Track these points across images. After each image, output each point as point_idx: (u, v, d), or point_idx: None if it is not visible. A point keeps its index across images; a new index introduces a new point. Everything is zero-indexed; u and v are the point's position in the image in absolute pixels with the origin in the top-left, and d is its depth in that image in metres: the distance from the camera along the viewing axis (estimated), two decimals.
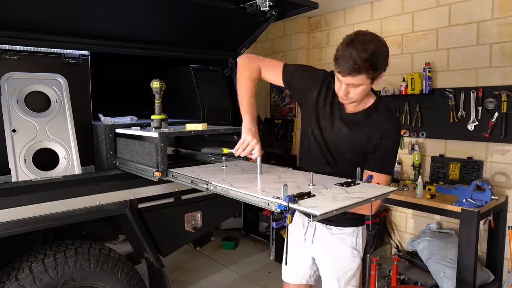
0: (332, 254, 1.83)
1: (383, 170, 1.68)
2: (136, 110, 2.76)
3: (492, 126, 3.00)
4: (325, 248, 1.85)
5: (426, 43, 3.44)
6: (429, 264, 3.01)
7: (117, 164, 2.31)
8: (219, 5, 2.40)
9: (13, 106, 2.10)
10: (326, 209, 1.18)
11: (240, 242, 4.49)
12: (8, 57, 2.15)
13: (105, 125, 2.29)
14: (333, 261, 1.83)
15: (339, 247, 1.82)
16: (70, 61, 2.35)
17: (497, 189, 2.95)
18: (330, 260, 1.84)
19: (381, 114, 1.69)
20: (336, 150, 1.75)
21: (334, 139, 1.75)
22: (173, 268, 3.78)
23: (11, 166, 2.02)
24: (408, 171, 3.60)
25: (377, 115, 1.69)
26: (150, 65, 3.33)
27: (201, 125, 2.13)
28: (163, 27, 2.60)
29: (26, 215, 1.89)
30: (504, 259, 3.00)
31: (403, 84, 3.48)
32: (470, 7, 3.14)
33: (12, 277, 1.88)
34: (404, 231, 3.69)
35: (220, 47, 2.98)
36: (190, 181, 1.74)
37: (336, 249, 1.82)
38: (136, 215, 2.26)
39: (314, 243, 1.88)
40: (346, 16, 4.10)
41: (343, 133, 1.72)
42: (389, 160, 1.71)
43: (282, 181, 1.57)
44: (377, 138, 1.66)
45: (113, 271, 2.12)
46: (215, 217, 2.72)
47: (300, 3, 2.63)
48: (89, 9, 2.19)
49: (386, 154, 1.68)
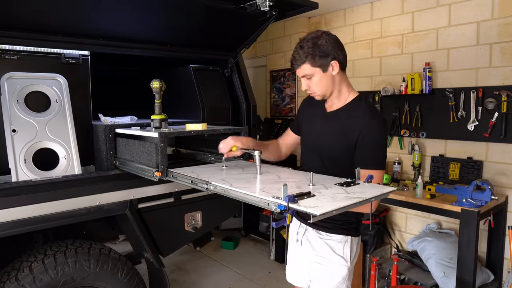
0: (318, 259, 1.81)
1: (371, 165, 1.63)
2: (136, 110, 2.77)
3: (492, 126, 3.00)
4: (312, 252, 1.84)
5: (426, 43, 3.44)
6: (429, 264, 3.01)
7: (117, 164, 2.31)
8: (219, 5, 2.40)
9: (13, 106, 2.10)
10: (326, 209, 1.18)
11: (240, 242, 4.50)
12: (8, 57, 2.15)
13: (105, 125, 2.29)
14: (318, 266, 1.81)
15: (325, 253, 1.79)
16: (70, 61, 2.35)
17: (497, 189, 2.95)
18: (316, 265, 1.82)
19: (360, 108, 1.71)
20: (324, 150, 1.78)
21: (320, 139, 1.80)
22: (173, 268, 3.78)
23: (11, 166, 2.02)
24: (408, 171, 3.60)
25: (357, 110, 1.71)
26: (150, 65, 3.33)
27: (201, 125, 2.13)
28: (163, 27, 2.60)
29: (26, 215, 1.89)
30: (504, 259, 3.00)
31: (403, 84, 3.48)
32: (470, 7, 3.14)
33: (12, 277, 1.88)
34: (404, 231, 3.69)
35: (220, 47, 2.98)
36: (190, 181, 1.74)
37: (322, 254, 1.80)
38: (136, 215, 2.26)
39: (302, 244, 1.88)
40: (346, 16, 4.10)
41: (326, 130, 1.77)
42: (376, 155, 1.67)
43: (282, 181, 1.57)
44: (358, 132, 1.65)
45: (113, 271, 2.12)
46: (215, 217, 2.72)
47: (300, 3, 2.63)
48: (89, 9, 2.18)
49: (371, 148, 1.65)
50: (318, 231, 1.82)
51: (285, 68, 4.74)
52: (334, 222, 1.76)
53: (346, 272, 1.77)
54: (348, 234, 1.78)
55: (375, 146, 1.66)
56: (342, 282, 1.77)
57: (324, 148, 1.78)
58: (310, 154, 1.86)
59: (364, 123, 1.65)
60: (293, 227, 1.97)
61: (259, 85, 5.10)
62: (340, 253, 1.77)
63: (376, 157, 1.67)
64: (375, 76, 3.84)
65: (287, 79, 4.71)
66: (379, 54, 3.79)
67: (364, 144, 1.65)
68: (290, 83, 4.68)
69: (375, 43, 3.84)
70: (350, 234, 1.79)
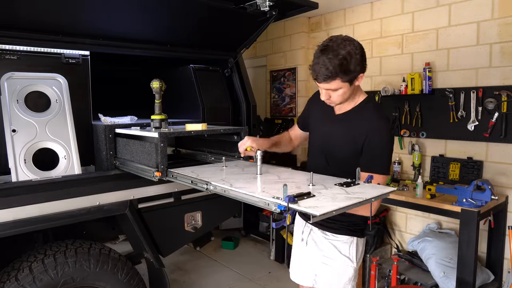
0: (324, 260, 1.81)
1: (375, 169, 1.62)
2: (136, 110, 2.76)
3: (492, 126, 3.00)
4: (318, 252, 1.84)
5: (426, 43, 3.43)
6: (429, 264, 3.01)
7: (117, 164, 2.31)
8: (219, 5, 2.40)
9: (13, 106, 2.10)
10: (326, 209, 1.18)
11: (240, 242, 4.49)
12: (8, 57, 2.15)
13: (105, 125, 2.29)
14: (325, 267, 1.81)
15: (331, 253, 1.79)
16: (70, 61, 2.35)
17: (497, 189, 2.94)
18: (322, 265, 1.82)
19: (368, 111, 1.71)
20: (332, 152, 1.78)
21: (328, 141, 1.79)
22: (173, 268, 3.78)
23: (11, 166, 2.02)
24: (408, 171, 3.60)
25: (365, 113, 1.71)
26: (150, 65, 3.33)
27: (201, 125, 2.13)
28: (163, 27, 2.60)
29: (26, 215, 1.89)
30: (504, 259, 3.00)
31: (403, 84, 3.47)
32: (470, 7, 3.14)
33: (12, 277, 1.88)
34: (404, 231, 3.69)
35: (220, 47, 2.98)
36: (190, 181, 1.74)
37: (328, 254, 1.80)
38: (136, 215, 2.26)
39: (308, 244, 1.88)
40: (346, 16, 4.10)
41: (334, 133, 1.77)
42: (381, 159, 1.66)
43: (282, 181, 1.57)
44: (364, 135, 1.65)
45: (113, 271, 2.12)
46: (215, 217, 2.72)
47: (300, 3, 2.63)
48: (89, 9, 2.18)
49: (377, 153, 1.65)
50: (324, 232, 1.82)
51: (285, 68, 4.74)
52: (340, 223, 1.77)
53: (352, 273, 1.78)
54: (353, 235, 1.78)
55: (381, 151, 1.65)
56: (348, 282, 1.78)
57: (332, 151, 1.77)
58: (317, 156, 1.86)
59: (371, 127, 1.65)
60: (298, 226, 1.97)
61: (259, 85, 5.10)
62: (346, 253, 1.77)
63: (380, 162, 1.66)
64: (375, 76, 3.84)
65: (287, 79, 4.71)
66: (379, 54, 3.79)
67: (370, 148, 1.65)
68: (290, 83, 4.67)
69: (375, 43, 3.83)
70: (356, 235, 1.79)
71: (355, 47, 1.57)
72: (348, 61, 1.54)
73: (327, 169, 1.74)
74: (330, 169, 1.73)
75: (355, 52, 1.56)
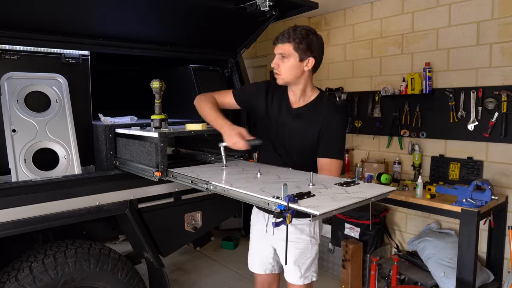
0: (292, 244, 1.91)
1: (331, 155, 1.81)
2: (136, 110, 2.76)
3: (492, 126, 3.00)
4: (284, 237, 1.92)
5: (426, 43, 3.44)
6: (429, 264, 3.01)
7: (117, 164, 2.31)
8: (219, 5, 2.40)
9: (13, 106, 2.10)
10: (326, 209, 1.18)
11: (240, 242, 4.49)
12: (8, 57, 2.15)
13: (105, 125, 2.29)
14: (293, 250, 1.91)
15: (299, 237, 1.91)
16: (70, 61, 2.35)
17: (497, 189, 2.95)
18: (291, 249, 1.92)
19: (324, 103, 1.89)
20: (289, 145, 1.90)
21: (285, 135, 1.90)
22: (173, 268, 3.78)
23: (11, 166, 2.02)
24: (408, 171, 3.60)
25: (320, 105, 1.88)
26: (150, 65, 3.33)
27: (201, 125, 2.13)
28: (163, 27, 2.60)
29: (26, 215, 1.89)
30: (504, 259, 3.00)
31: (403, 84, 3.48)
32: (470, 7, 3.14)
33: (12, 277, 1.88)
34: (404, 231, 3.69)
35: (220, 47, 2.98)
36: (190, 181, 1.74)
37: (295, 239, 1.91)
38: (136, 215, 2.25)
39: (274, 233, 1.95)
40: (346, 16, 4.10)
41: (292, 127, 1.88)
42: (336, 145, 1.84)
43: (281, 181, 1.57)
44: (321, 125, 1.80)
45: (113, 271, 2.12)
46: (215, 217, 2.72)
47: (300, 3, 2.63)
48: (89, 9, 2.18)
49: (333, 139, 1.82)
50: None
51: None
52: None
53: (317, 248, 1.97)
54: None
55: (338, 137, 1.85)
56: (315, 258, 1.96)
57: (292, 143, 1.89)
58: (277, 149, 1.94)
59: (327, 117, 1.82)
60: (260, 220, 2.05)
61: None
62: (312, 234, 1.94)
63: (338, 147, 1.85)
64: (375, 76, 3.84)
65: None
66: (379, 54, 3.79)
67: (329, 134, 1.81)
68: None
69: (375, 43, 3.84)
70: None
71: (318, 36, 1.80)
72: (306, 35, 1.75)
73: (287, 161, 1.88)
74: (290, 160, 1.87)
75: (321, 40, 1.81)
